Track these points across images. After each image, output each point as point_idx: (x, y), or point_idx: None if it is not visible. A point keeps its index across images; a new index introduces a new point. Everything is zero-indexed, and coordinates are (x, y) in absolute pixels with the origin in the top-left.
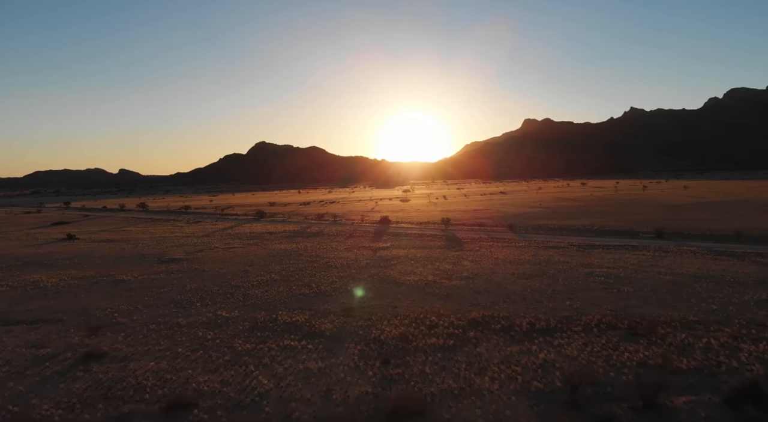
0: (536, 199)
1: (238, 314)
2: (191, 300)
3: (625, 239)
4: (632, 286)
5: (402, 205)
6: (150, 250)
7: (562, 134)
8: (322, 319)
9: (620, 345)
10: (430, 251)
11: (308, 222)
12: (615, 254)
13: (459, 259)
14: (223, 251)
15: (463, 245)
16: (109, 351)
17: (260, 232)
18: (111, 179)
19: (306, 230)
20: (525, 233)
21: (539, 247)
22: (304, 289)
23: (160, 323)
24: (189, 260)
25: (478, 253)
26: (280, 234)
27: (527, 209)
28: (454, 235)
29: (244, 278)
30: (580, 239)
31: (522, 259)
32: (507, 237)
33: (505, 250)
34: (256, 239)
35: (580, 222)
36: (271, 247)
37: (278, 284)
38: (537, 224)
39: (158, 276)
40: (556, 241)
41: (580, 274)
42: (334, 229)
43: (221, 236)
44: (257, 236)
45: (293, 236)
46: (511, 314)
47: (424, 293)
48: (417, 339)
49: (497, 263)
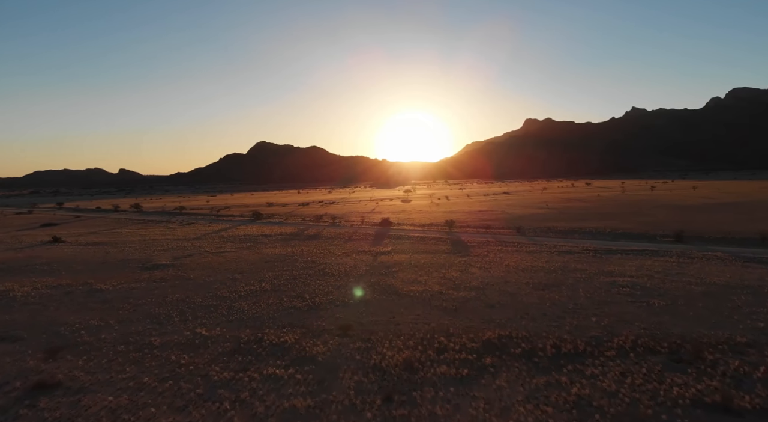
0: (542, 199)
1: (220, 333)
2: (170, 314)
3: (643, 243)
4: (663, 299)
5: (403, 206)
6: (136, 255)
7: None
8: (315, 339)
9: (665, 375)
10: (434, 257)
11: (306, 224)
12: (636, 260)
13: (466, 266)
14: (213, 256)
15: (470, 249)
16: (65, 379)
17: (255, 235)
18: (111, 179)
19: (303, 232)
20: (534, 237)
21: (552, 252)
22: (296, 301)
23: (130, 343)
24: (175, 266)
25: (487, 259)
26: (275, 237)
27: (534, 211)
28: (459, 238)
29: (232, 287)
30: (595, 244)
31: (535, 266)
32: (516, 241)
33: (516, 255)
34: (249, 243)
35: (591, 224)
36: (265, 251)
37: (268, 294)
38: (546, 227)
39: (139, 285)
40: (569, 245)
41: (602, 284)
42: (333, 231)
43: (213, 239)
44: (251, 239)
45: (289, 240)
46: (532, 334)
47: (430, 306)
48: (424, 366)
49: (509, 270)
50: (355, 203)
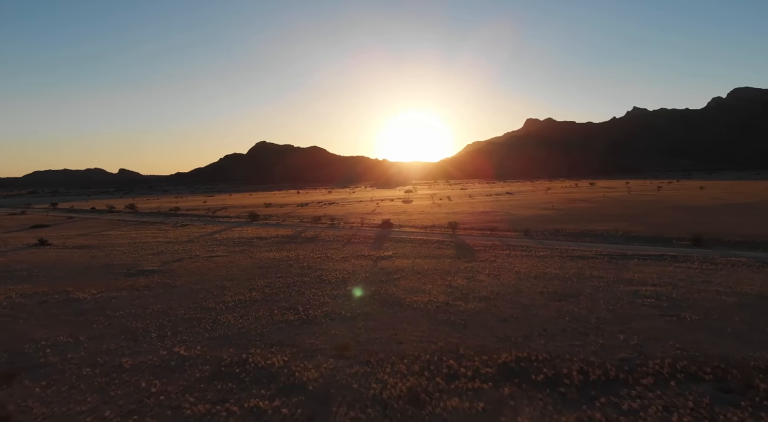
0: (546, 200)
1: (200, 352)
2: (148, 329)
3: (658, 247)
4: (694, 312)
5: (404, 206)
6: (123, 259)
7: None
8: (306, 362)
9: (716, 410)
10: (438, 262)
11: (304, 226)
12: (655, 266)
13: (473, 272)
14: (204, 261)
15: (476, 253)
16: (16, 411)
17: (249, 237)
18: (111, 179)
19: (300, 234)
20: (543, 240)
21: (564, 257)
22: (288, 313)
23: (98, 365)
24: (162, 272)
25: (495, 264)
26: (270, 240)
27: (539, 212)
28: (464, 241)
29: (219, 297)
30: (608, 248)
31: (548, 273)
32: (523, 244)
33: (526, 260)
34: (243, 246)
35: (601, 226)
36: (259, 255)
37: (258, 305)
38: (554, 229)
39: (120, 294)
40: (580, 249)
41: (624, 293)
42: (331, 234)
43: (206, 241)
44: (245, 241)
45: (285, 243)
46: (554, 356)
47: (436, 320)
48: (433, 398)
49: (519, 278)
50: (355, 204)
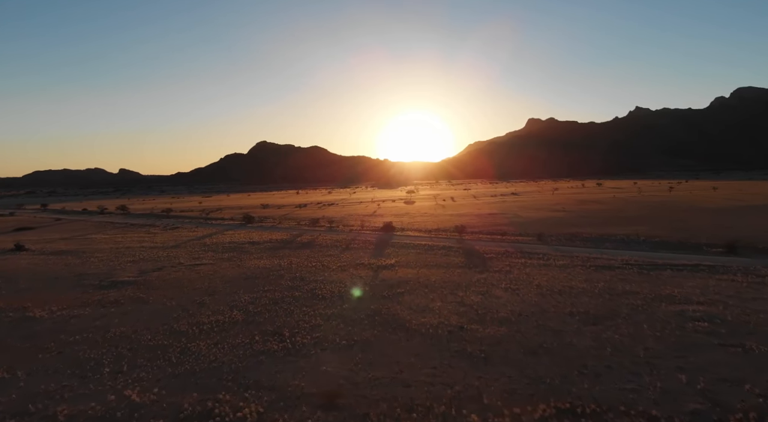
0: (555, 201)
1: (156, 398)
2: (101, 361)
3: (689, 255)
4: (760, 340)
5: (406, 208)
6: (98, 267)
7: (566, 133)
8: (287, 415)
9: None
10: (446, 272)
11: (300, 229)
12: (694, 279)
13: (488, 285)
14: (186, 271)
15: (488, 262)
16: None
17: (241, 242)
18: (110, 179)
19: (295, 239)
20: (559, 245)
21: (587, 267)
22: (271, 341)
23: (27, 414)
24: (137, 283)
25: (511, 276)
26: (263, 245)
27: (549, 214)
28: (473, 247)
29: (195, 317)
30: (634, 255)
31: (573, 287)
32: (539, 251)
33: (545, 271)
34: (233, 252)
35: (620, 230)
36: (248, 264)
37: (238, 329)
38: (569, 233)
39: (83, 312)
40: (603, 258)
41: (668, 315)
42: (329, 238)
43: (194, 247)
44: (236, 247)
45: (278, 248)
46: (605, 408)
47: (450, 351)
48: None
49: (542, 293)
50: (355, 205)
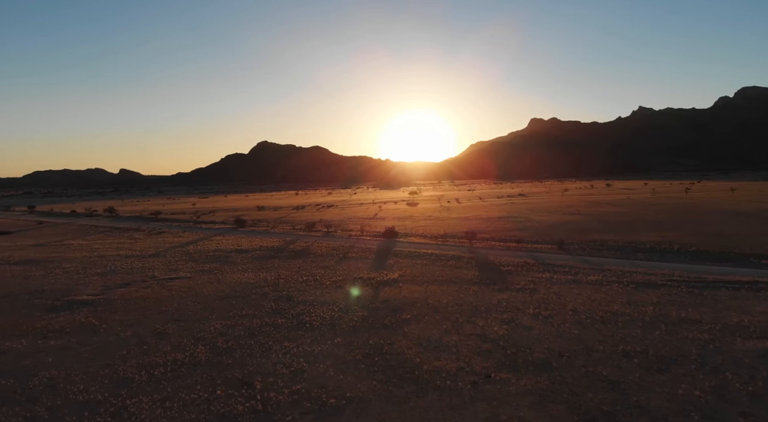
0: (566, 203)
1: None
2: None
3: (739, 268)
4: None
5: (409, 210)
6: (60, 282)
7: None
8: None
9: None
10: (459, 291)
11: (294, 234)
12: (758, 300)
13: (512, 310)
14: (157, 286)
15: (507, 276)
16: None
17: (227, 250)
18: (110, 179)
19: (288, 246)
20: (584, 255)
21: (625, 283)
22: (236, 397)
23: None
24: (97, 303)
25: (538, 296)
26: (251, 254)
27: (563, 217)
28: (486, 258)
29: (149, 354)
30: (674, 268)
31: (617, 312)
32: (563, 263)
33: (577, 290)
34: (215, 263)
35: (647, 237)
36: (230, 278)
37: (197, 375)
38: (592, 240)
39: (17, 344)
40: (640, 271)
41: (751, 357)
42: (325, 245)
43: (174, 256)
44: (220, 256)
45: (267, 258)
46: None
47: (475, 419)
48: None
49: (580, 321)
50: (355, 207)
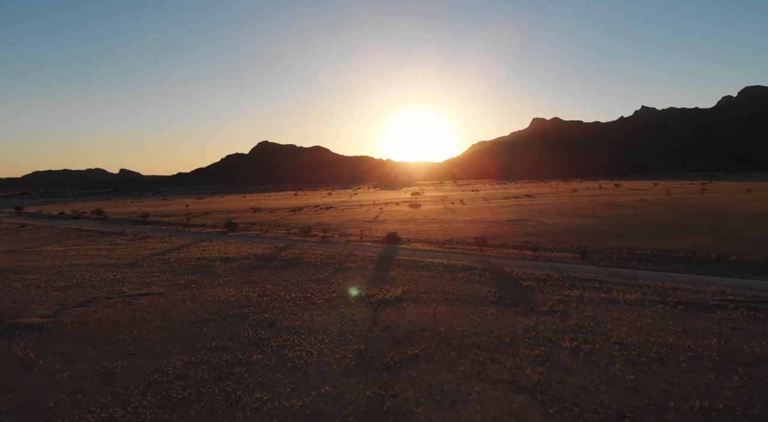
0: (577, 205)
1: None
2: None
3: None
4: None
5: (412, 212)
6: (14, 298)
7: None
8: None
9: None
10: (475, 313)
11: (288, 239)
12: None
13: (544, 342)
14: (122, 306)
15: (529, 294)
16: None
17: (212, 258)
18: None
19: (279, 254)
20: (611, 266)
21: (671, 304)
22: None
23: None
24: (45, 328)
25: (572, 322)
26: (237, 263)
27: (578, 220)
28: (502, 269)
29: (81, 408)
30: (724, 284)
31: (674, 346)
32: (590, 275)
33: (615, 312)
34: (195, 274)
35: (678, 244)
36: (207, 295)
37: None
38: (615, 248)
39: None
40: (684, 287)
41: None
42: (320, 252)
43: (152, 265)
44: (203, 266)
45: (254, 268)
46: None
47: None
48: None
49: (632, 360)
50: (355, 209)
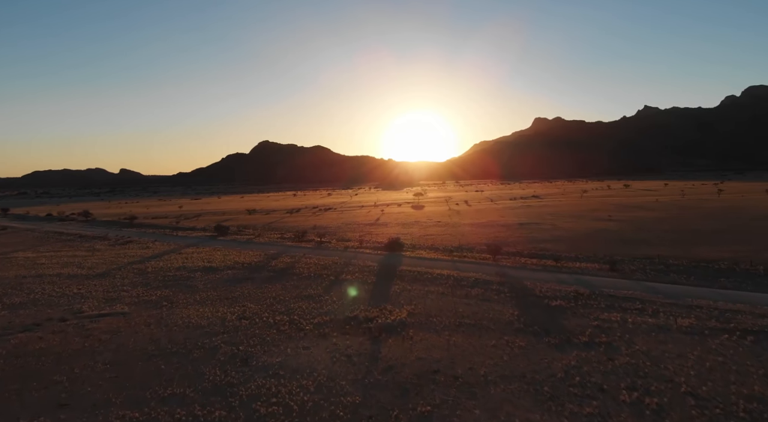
0: (589, 206)
1: None
2: None
3: None
4: None
5: (415, 214)
6: None
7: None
8: None
9: None
10: (499, 345)
11: (281, 245)
12: None
13: (593, 389)
14: (73, 331)
15: (560, 318)
16: None
17: (194, 268)
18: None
19: (269, 263)
20: (647, 280)
21: (736, 333)
22: None
23: None
24: None
25: (622, 360)
26: (220, 275)
27: (594, 224)
28: (522, 283)
29: None
30: None
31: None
32: (626, 292)
33: (673, 346)
34: (170, 288)
35: (713, 252)
36: (176, 316)
37: None
38: (645, 256)
39: None
40: (744, 310)
41: None
42: (314, 261)
43: (125, 276)
44: (181, 278)
45: (239, 280)
46: None
47: None
48: None
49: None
50: (355, 211)
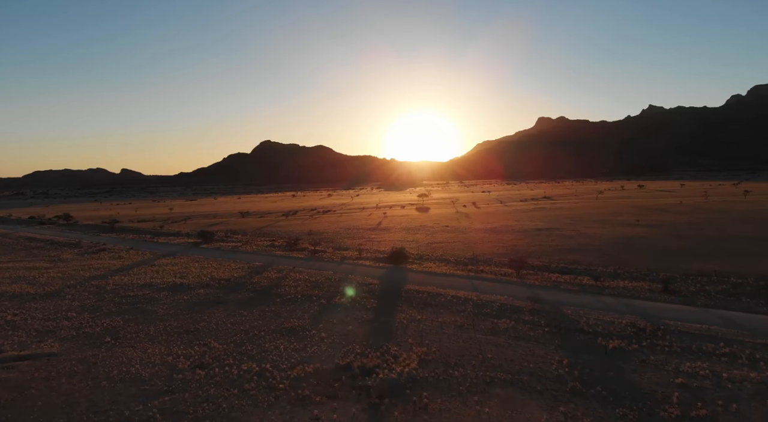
0: (608, 209)
1: None
2: None
3: None
4: None
5: (420, 217)
6: None
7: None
8: None
9: None
10: (552, 419)
11: (270, 254)
12: None
13: None
14: None
15: (626, 369)
16: None
17: (162, 286)
18: (110, 180)
19: (252, 278)
20: (715, 307)
21: None
22: None
23: None
24: None
25: None
26: (190, 295)
27: (622, 230)
28: (560, 311)
29: None
30: None
31: None
32: (698, 326)
33: None
34: (123, 315)
35: None
36: (113, 363)
37: None
38: (700, 272)
39: None
40: None
41: None
42: (304, 277)
43: (76, 296)
44: (141, 300)
45: (209, 305)
46: None
47: None
48: None
49: None
50: (356, 213)
